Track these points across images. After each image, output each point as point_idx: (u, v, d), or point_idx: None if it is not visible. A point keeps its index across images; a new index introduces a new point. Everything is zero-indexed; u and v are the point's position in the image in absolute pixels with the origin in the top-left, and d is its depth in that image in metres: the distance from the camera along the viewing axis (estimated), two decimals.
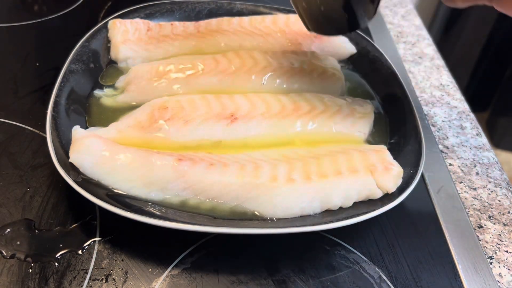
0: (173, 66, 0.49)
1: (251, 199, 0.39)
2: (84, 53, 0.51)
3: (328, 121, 0.46)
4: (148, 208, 0.37)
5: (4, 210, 0.39)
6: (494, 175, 0.50)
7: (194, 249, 0.38)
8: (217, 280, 0.37)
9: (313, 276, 0.38)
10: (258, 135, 0.44)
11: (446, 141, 0.54)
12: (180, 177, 0.39)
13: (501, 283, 0.40)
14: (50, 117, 0.42)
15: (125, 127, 0.43)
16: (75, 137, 0.40)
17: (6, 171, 0.43)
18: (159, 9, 0.59)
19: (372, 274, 0.38)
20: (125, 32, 0.53)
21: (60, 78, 0.46)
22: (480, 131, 0.56)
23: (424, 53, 0.69)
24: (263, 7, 0.62)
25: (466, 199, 0.47)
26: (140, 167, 0.39)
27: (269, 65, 0.50)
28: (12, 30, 0.61)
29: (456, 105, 0.60)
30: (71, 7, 0.66)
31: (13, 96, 0.51)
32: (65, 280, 0.35)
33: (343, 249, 0.40)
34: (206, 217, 0.38)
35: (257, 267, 0.38)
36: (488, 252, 0.42)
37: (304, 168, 0.40)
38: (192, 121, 0.43)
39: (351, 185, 0.40)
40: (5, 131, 0.46)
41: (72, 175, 0.37)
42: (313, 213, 0.39)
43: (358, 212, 0.38)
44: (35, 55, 0.57)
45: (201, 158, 0.40)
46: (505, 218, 0.46)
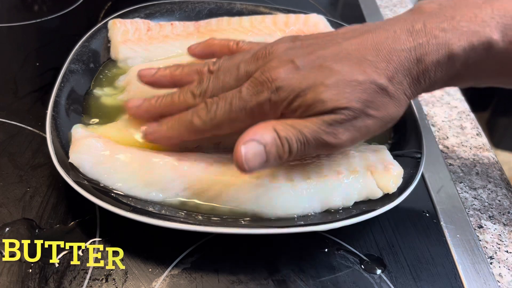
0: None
1: (251, 199, 0.39)
2: (84, 53, 0.51)
3: None
4: (148, 208, 0.37)
5: (4, 210, 0.39)
6: (494, 175, 0.50)
7: (194, 249, 0.38)
8: (217, 280, 0.37)
9: (313, 276, 0.38)
10: None
11: (446, 141, 0.54)
12: (180, 177, 0.39)
13: (501, 283, 0.40)
14: (50, 117, 0.42)
15: (125, 126, 0.43)
16: (74, 137, 0.40)
17: (6, 171, 0.43)
18: (159, 9, 0.59)
19: (372, 274, 0.38)
20: (125, 32, 0.53)
21: (60, 78, 0.46)
22: (480, 131, 0.56)
23: None
24: (263, 7, 0.62)
25: (466, 199, 0.47)
26: (140, 167, 0.39)
27: None
28: (12, 30, 0.61)
29: (456, 105, 0.60)
30: (71, 7, 0.66)
31: (13, 96, 0.51)
32: (65, 280, 0.35)
33: (343, 249, 0.40)
34: (206, 217, 0.38)
35: (257, 267, 0.38)
36: (488, 252, 0.42)
37: (304, 168, 0.40)
38: None
39: (351, 185, 0.40)
40: (5, 131, 0.46)
41: (72, 175, 0.37)
42: (313, 213, 0.39)
43: (358, 212, 0.38)
44: (35, 55, 0.57)
45: (201, 158, 0.40)
46: (505, 218, 0.46)
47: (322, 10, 0.73)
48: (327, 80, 0.34)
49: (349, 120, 0.35)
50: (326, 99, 0.34)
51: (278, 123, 0.35)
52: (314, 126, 0.35)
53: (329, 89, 0.34)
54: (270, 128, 0.34)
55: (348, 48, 0.36)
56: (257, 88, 0.36)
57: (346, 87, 0.34)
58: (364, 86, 0.34)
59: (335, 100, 0.34)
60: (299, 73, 0.35)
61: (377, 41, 0.35)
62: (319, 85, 0.34)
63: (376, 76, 0.35)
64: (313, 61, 0.36)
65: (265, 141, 0.34)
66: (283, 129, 0.34)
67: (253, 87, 0.36)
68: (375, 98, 0.35)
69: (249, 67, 0.38)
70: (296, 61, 0.36)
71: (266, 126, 0.34)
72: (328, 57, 0.36)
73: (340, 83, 0.34)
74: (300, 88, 0.35)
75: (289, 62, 0.36)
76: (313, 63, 0.35)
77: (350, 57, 0.35)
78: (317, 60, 0.36)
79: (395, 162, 0.42)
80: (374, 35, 0.36)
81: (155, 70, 0.43)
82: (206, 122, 0.37)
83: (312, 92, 0.34)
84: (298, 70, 0.35)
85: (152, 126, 0.40)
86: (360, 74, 0.34)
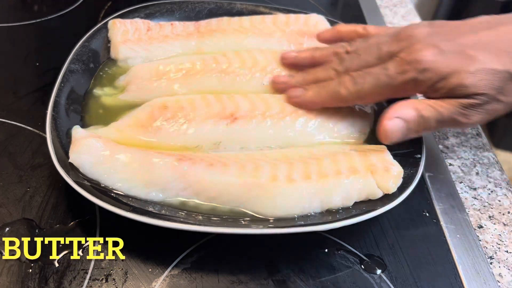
0: (173, 66, 0.49)
1: (251, 199, 0.39)
2: (84, 53, 0.51)
3: (328, 121, 0.46)
4: (148, 208, 0.37)
5: (4, 210, 0.39)
6: (494, 175, 0.50)
7: (194, 249, 0.38)
8: (217, 280, 0.37)
9: (313, 276, 0.38)
10: (258, 135, 0.44)
11: (446, 141, 0.54)
12: (180, 177, 0.39)
13: (501, 283, 0.40)
14: (50, 117, 0.42)
15: (125, 126, 0.43)
16: (74, 137, 0.40)
17: (6, 171, 0.43)
18: (159, 9, 0.59)
19: (372, 274, 0.39)
20: (125, 32, 0.53)
21: (60, 78, 0.46)
22: (480, 131, 0.56)
23: None
24: (263, 7, 0.62)
25: (466, 199, 0.47)
26: (140, 167, 0.39)
27: (270, 65, 0.50)
28: (12, 30, 0.61)
29: None
30: (71, 7, 0.66)
31: (13, 96, 0.51)
32: (65, 280, 0.35)
33: (343, 249, 0.40)
34: (206, 217, 0.38)
35: (257, 267, 0.38)
36: (488, 252, 0.42)
37: (304, 168, 0.40)
38: (192, 121, 0.43)
39: (351, 185, 0.40)
40: (5, 131, 0.46)
41: (72, 175, 0.37)
42: (313, 213, 0.39)
43: (358, 212, 0.38)
44: (35, 55, 0.57)
45: (201, 158, 0.40)
46: (505, 218, 0.46)
47: (322, 10, 0.73)
48: (470, 67, 0.38)
49: (483, 104, 0.39)
50: (468, 85, 0.38)
51: (419, 103, 0.39)
52: (452, 107, 0.39)
53: (472, 76, 0.38)
54: (412, 107, 0.39)
55: (486, 39, 0.39)
56: (404, 67, 0.39)
57: (486, 75, 0.38)
58: (501, 75, 0.38)
59: (476, 86, 0.38)
60: (444, 57, 0.39)
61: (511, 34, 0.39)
62: (463, 72, 0.38)
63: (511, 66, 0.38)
64: (456, 47, 0.39)
65: (408, 118, 0.39)
66: (424, 109, 0.39)
67: (400, 66, 0.40)
68: (507, 86, 0.39)
69: (391, 47, 0.41)
70: (441, 46, 0.39)
71: (408, 104, 0.39)
72: (469, 45, 0.39)
73: (481, 71, 0.38)
74: (446, 71, 0.39)
75: (433, 46, 0.39)
76: (457, 50, 0.39)
77: (488, 47, 0.39)
78: (460, 47, 0.39)
79: (395, 162, 0.42)
80: (508, 28, 0.40)
81: (296, 53, 0.48)
82: (352, 93, 0.42)
83: (456, 76, 0.38)
84: (443, 54, 0.39)
85: (297, 90, 0.44)
86: (498, 64, 0.38)
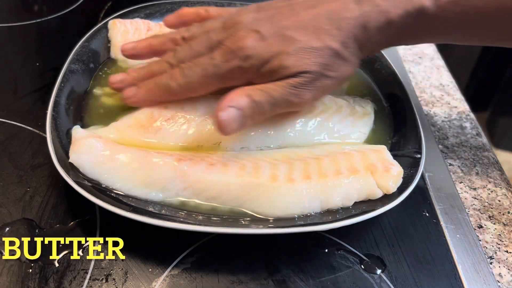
0: None
1: (251, 199, 0.39)
2: (84, 53, 0.51)
3: (328, 120, 0.46)
4: (148, 208, 0.37)
5: (4, 210, 0.39)
6: (494, 175, 0.50)
7: (194, 249, 0.38)
8: (217, 280, 0.37)
9: (313, 276, 0.38)
10: (258, 135, 0.44)
11: (446, 141, 0.54)
12: (180, 177, 0.39)
13: (501, 283, 0.40)
14: (50, 117, 0.42)
15: (125, 127, 0.43)
16: (75, 137, 0.40)
17: (6, 171, 0.43)
18: (159, 9, 0.59)
19: (372, 274, 0.39)
20: (125, 32, 0.53)
21: (60, 78, 0.46)
22: (480, 131, 0.56)
23: (424, 53, 0.69)
24: None
25: (466, 199, 0.47)
26: (140, 167, 0.39)
27: None
28: (12, 30, 0.61)
29: (456, 105, 0.60)
30: (71, 7, 0.66)
31: (13, 96, 0.51)
32: (65, 280, 0.35)
33: (343, 249, 0.40)
34: (206, 217, 0.38)
35: (257, 267, 0.38)
36: (488, 252, 0.42)
37: (304, 168, 0.40)
38: (192, 121, 0.43)
39: (351, 185, 0.40)
40: (5, 131, 0.46)
41: (72, 175, 0.37)
42: (313, 213, 0.39)
43: (358, 212, 0.38)
44: (35, 55, 0.57)
45: (201, 158, 0.40)
46: (505, 218, 0.46)
47: None
48: (289, 48, 0.39)
49: (310, 82, 0.40)
50: (289, 65, 0.39)
51: (250, 89, 0.39)
52: (281, 89, 0.39)
53: (291, 56, 0.39)
54: (244, 94, 0.38)
55: (305, 18, 0.40)
56: (228, 56, 0.40)
57: (305, 53, 0.39)
58: (321, 51, 0.39)
59: (296, 65, 0.39)
60: (265, 42, 0.40)
61: (330, 11, 0.40)
62: (283, 53, 0.39)
63: (330, 42, 0.39)
64: (276, 30, 0.40)
65: (241, 106, 0.38)
66: (256, 94, 0.39)
67: (225, 55, 0.40)
68: (331, 61, 0.40)
69: (219, 35, 0.41)
70: (262, 31, 0.40)
71: (240, 92, 0.38)
72: (289, 26, 0.40)
73: (300, 50, 0.39)
74: (267, 56, 0.39)
75: (255, 32, 0.40)
76: (276, 33, 0.40)
77: (307, 26, 0.40)
78: (280, 30, 0.40)
79: (395, 162, 0.42)
80: (327, 5, 0.41)
81: (134, 43, 0.47)
82: (182, 86, 0.42)
83: (276, 59, 0.39)
84: (264, 39, 0.40)
85: (131, 90, 0.44)
86: (316, 41, 0.39)
